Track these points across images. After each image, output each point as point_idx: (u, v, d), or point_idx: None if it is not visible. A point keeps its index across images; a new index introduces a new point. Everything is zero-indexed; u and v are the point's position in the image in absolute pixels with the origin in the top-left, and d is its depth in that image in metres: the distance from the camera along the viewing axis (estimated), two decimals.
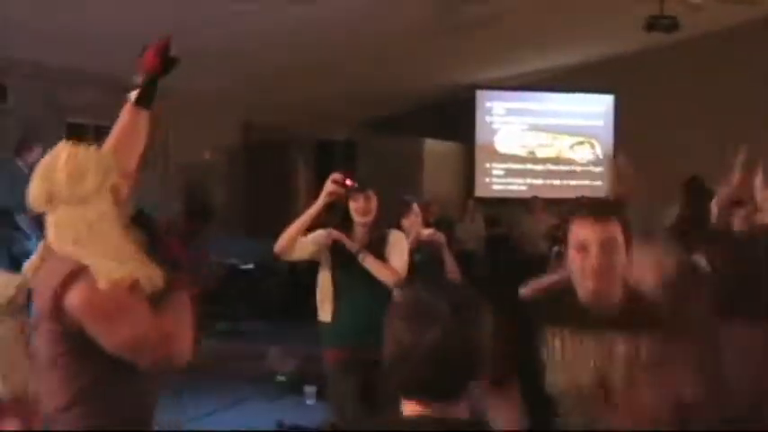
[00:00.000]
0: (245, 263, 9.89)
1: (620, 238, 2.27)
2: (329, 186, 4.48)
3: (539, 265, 5.40)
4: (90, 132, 8.95)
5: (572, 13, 9.84)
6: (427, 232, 5.34)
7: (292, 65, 9.70)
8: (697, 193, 5.85)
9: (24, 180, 8.76)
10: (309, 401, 6.43)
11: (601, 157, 13.30)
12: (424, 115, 13.15)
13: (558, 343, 2.28)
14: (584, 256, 2.25)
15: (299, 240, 4.51)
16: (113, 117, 2.53)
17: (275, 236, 4.55)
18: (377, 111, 13.38)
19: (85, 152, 2.25)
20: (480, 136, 13.21)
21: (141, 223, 2.29)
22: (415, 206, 5.33)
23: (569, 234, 2.30)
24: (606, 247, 2.24)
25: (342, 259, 4.54)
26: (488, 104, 13.31)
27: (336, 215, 4.68)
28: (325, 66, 9.90)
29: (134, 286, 2.11)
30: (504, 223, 12.22)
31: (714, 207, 4.47)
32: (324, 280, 4.58)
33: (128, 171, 2.35)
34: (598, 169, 13.32)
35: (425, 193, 11.09)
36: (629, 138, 12.54)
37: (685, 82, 12.16)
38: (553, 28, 10.35)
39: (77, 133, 8.87)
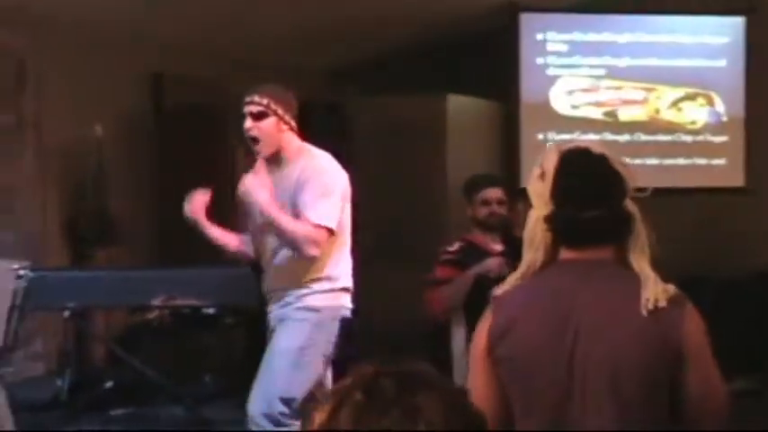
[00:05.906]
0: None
1: None
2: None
3: None
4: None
5: None
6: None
7: None
8: None
9: None
10: None
11: (724, 118, 9.01)
12: (434, 57, 9.58)
13: None
14: None
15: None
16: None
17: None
18: (359, 52, 9.70)
19: None
20: (527, 88, 8.96)
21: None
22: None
23: None
24: None
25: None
26: (539, 36, 9.09)
27: None
28: None
29: None
30: None
31: None
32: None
33: None
34: (719, 139, 9.01)
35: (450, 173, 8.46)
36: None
37: None
38: None
39: None
